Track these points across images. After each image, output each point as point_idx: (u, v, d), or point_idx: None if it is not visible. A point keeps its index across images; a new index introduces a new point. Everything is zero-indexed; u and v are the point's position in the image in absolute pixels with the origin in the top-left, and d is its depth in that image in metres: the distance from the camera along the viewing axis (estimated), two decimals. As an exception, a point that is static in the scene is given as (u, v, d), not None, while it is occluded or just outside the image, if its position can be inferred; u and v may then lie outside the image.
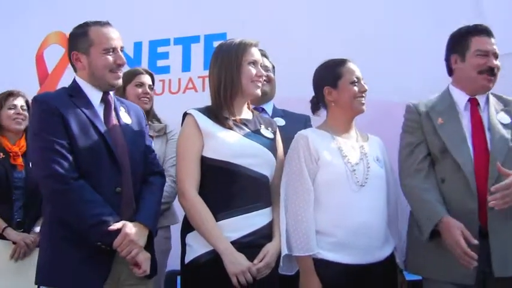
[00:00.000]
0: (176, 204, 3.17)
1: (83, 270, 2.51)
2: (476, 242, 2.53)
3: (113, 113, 2.72)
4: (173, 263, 3.10)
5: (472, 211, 2.68)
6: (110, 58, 2.68)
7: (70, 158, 2.53)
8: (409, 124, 2.95)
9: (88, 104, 2.67)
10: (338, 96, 2.90)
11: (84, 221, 2.50)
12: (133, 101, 3.26)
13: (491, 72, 2.85)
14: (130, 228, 2.54)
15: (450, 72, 3.01)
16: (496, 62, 2.86)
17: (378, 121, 2.94)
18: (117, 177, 2.62)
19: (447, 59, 3.01)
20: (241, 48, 2.77)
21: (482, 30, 2.89)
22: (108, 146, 2.60)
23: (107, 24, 2.75)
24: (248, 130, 2.77)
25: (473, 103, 2.89)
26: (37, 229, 3.59)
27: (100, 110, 2.70)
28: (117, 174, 2.62)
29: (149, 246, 2.69)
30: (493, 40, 2.89)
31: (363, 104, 2.88)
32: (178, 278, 3.26)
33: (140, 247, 2.58)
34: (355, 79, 2.88)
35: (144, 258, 2.59)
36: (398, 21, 4.13)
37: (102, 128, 2.63)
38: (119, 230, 2.52)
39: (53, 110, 2.57)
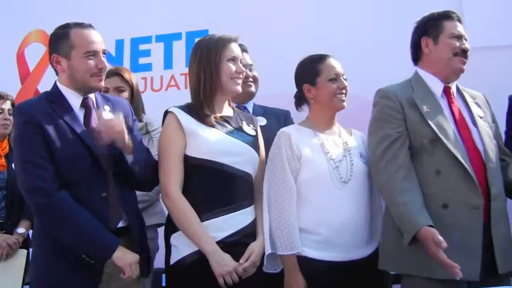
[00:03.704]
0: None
1: (74, 282, 2.50)
2: (445, 245, 2.43)
3: (95, 116, 2.66)
4: (157, 261, 3.08)
5: (477, 206, 2.61)
6: (91, 62, 2.61)
7: (51, 169, 2.51)
8: (387, 112, 2.78)
9: (67, 109, 2.62)
10: (317, 93, 2.90)
11: (67, 235, 2.49)
12: None
13: (465, 54, 2.83)
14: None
15: (417, 58, 2.94)
16: (468, 46, 2.84)
17: (362, 117, 2.91)
18: (102, 182, 2.58)
19: (415, 44, 2.94)
20: (220, 45, 2.75)
21: (453, 16, 2.88)
22: (90, 150, 2.56)
23: (88, 26, 2.67)
24: (230, 127, 2.76)
25: (448, 92, 2.85)
26: (19, 230, 3.57)
27: (81, 114, 2.65)
28: (102, 179, 2.58)
29: (143, 246, 2.71)
30: (462, 27, 2.88)
31: (343, 100, 2.87)
32: (163, 276, 3.25)
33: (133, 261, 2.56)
34: (334, 76, 2.86)
35: (129, 263, 2.54)
36: (382, 18, 4.13)
37: (84, 134, 2.58)
38: (104, 244, 2.50)
39: (33, 121, 2.52)
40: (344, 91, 2.86)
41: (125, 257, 2.53)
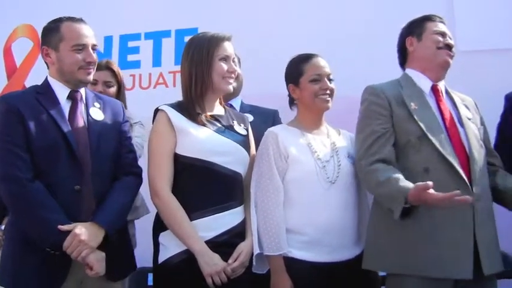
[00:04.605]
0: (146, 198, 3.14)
1: (38, 275, 2.49)
2: (431, 183, 2.38)
3: (81, 110, 2.68)
4: (144, 260, 3.06)
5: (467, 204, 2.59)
6: (79, 56, 2.63)
7: (26, 158, 2.51)
8: (374, 109, 2.79)
9: (53, 101, 2.63)
10: (300, 94, 2.90)
11: (35, 226, 2.49)
12: None
13: (449, 48, 2.84)
14: (80, 228, 2.49)
15: (404, 60, 2.97)
16: (452, 42, 2.86)
17: (355, 117, 2.90)
18: (77, 175, 2.57)
19: (401, 47, 2.97)
20: (212, 43, 2.73)
21: (436, 18, 2.91)
22: (69, 143, 2.56)
23: (80, 20, 2.70)
24: (221, 126, 2.74)
25: (436, 90, 2.85)
26: (3, 227, 3.53)
27: (67, 107, 2.66)
28: (77, 173, 2.57)
29: (124, 246, 2.71)
30: (445, 27, 2.91)
31: (327, 101, 2.85)
32: (149, 275, 3.23)
33: (91, 247, 2.52)
34: (316, 77, 2.85)
35: (96, 259, 2.54)
36: (371, 17, 4.15)
37: (64, 126, 2.59)
38: (69, 233, 2.48)
39: (13, 110, 2.54)
40: (328, 92, 2.85)
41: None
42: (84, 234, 2.48)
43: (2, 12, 5.00)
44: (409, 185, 2.49)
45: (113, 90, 3.49)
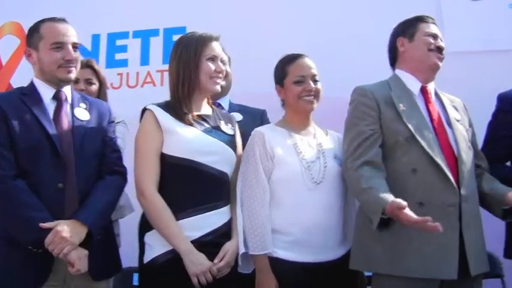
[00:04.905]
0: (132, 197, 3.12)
1: (22, 272, 2.49)
2: (405, 203, 2.38)
3: (66, 110, 2.69)
4: (129, 260, 3.05)
5: (453, 204, 2.61)
6: (58, 54, 2.64)
7: (10, 157, 2.51)
8: (363, 110, 2.78)
9: (38, 101, 2.64)
10: (285, 95, 2.91)
11: (17, 224, 2.49)
12: None
13: (440, 51, 2.85)
14: (62, 226, 2.49)
15: (394, 60, 2.97)
16: (443, 45, 2.87)
17: (337, 118, 2.91)
18: (60, 173, 2.57)
19: (391, 47, 2.97)
20: (200, 43, 2.73)
21: (428, 19, 2.92)
22: (53, 142, 2.56)
23: (61, 20, 2.71)
24: (208, 126, 2.74)
25: (425, 92, 2.85)
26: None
27: (52, 107, 2.67)
28: (61, 171, 2.57)
29: (108, 245, 2.71)
30: (437, 29, 2.91)
31: (311, 102, 2.86)
32: (135, 275, 3.21)
33: (73, 244, 2.50)
34: (300, 78, 2.85)
35: (78, 256, 2.52)
36: (358, 19, 4.17)
37: (48, 125, 2.59)
38: (51, 231, 2.47)
39: None
40: (312, 93, 2.85)
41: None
42: (65, 231, 2.47)
43: (-11, 10, 4.98)
44: (388, 198, 2.48)
45: (95, 88, 3.51)
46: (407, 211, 2.39)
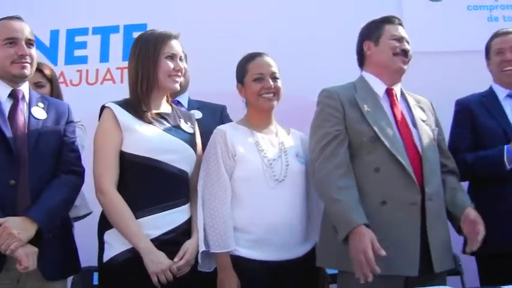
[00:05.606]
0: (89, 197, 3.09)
1: None
2: (384, 253, 2.45)
3: (22, 108, 2.66)
4: (89, 259, 3.02)
5: (414, 202, 2.64)
6: (10, 49, 2.62)
7: None
8: (327, 111, 2.81)
9: None
10: (245, 93, 2.92)
11: None
12: None
13: (405, 54, 2.87)
14: (10, 222, 2.46)
15: (361, 62, 2.99)
16: (409, 47, 2.89)
17: (300, 117, 2.92)
18: (13, 170, 2.54)
19: (359, 49, 2.99)
20: (159, 41, 2.72)
21: (395, 20, 2.94)
22: (6, 139, 2.54)
23: (16, 18, 2.71)
24: (168, 125, 2.74)
25: (390, 94, 2.88)
26: None
27: (7, 105, 2.64)
28: (13, 168, 2.55)
29: (65, 244, 2.69)
30: (404, 30, 2.94)
31: (270, 99, 2.87)
32: (95, 274, 3.18)
33: (20, 241, 2.47)
34: (259, 76, 2.86)
35: (25, 253, 2.48)
36: (321, 18, 4.19)
37: (2, 122, 2.57)
38: None
39: None
40: (271, 91, 2.86)
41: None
42: (13, 228, 2.45)
43: None
44: (359, 220, 2.52)
45: (46, 90, 3.43)
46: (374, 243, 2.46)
